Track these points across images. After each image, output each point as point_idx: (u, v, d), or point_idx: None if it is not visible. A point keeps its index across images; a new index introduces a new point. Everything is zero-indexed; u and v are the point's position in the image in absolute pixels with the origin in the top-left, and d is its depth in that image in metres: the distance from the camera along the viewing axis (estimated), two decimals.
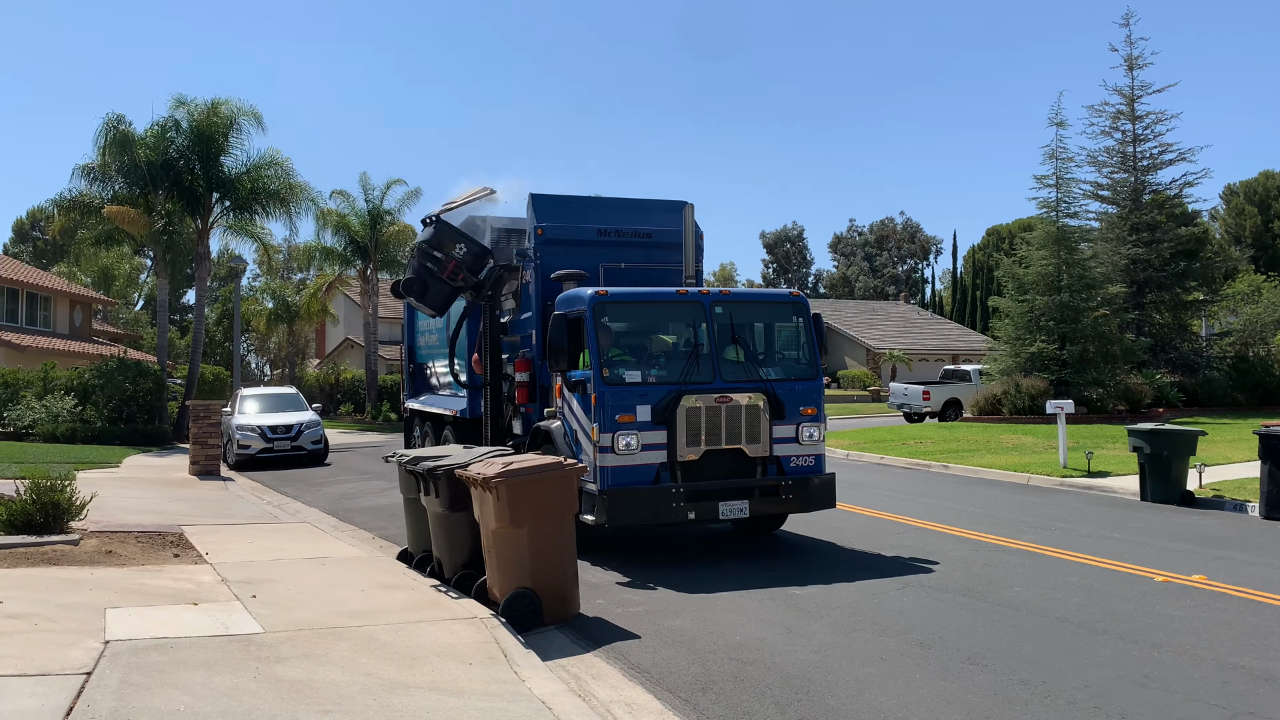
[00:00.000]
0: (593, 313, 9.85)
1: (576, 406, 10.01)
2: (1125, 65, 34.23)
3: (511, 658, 6.56)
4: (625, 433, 9.56)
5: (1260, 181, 67.92)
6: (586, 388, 9.75)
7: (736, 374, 10.06)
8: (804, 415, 10.24)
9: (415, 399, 16.98)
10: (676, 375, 9.89)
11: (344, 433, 32.00)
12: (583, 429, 9.89)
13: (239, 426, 21.68)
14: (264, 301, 48.94)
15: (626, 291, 10.46)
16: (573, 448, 10.07)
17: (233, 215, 29.94)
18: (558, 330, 9.90)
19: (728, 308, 10.31)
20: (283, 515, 13.67)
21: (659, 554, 10.58)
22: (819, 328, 10.68)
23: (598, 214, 12.19)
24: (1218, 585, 8.71)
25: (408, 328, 17.68)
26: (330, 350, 53.32)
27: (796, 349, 10.76)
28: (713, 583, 8.98)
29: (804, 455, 10.24)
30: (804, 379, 10.48)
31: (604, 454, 9.55)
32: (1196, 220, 37.16)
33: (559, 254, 11.56)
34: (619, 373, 9.83)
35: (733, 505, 9.76)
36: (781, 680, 6.22)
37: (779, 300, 11.17)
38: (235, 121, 28.30)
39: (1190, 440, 14.20)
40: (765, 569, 9.66)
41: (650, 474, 9.64)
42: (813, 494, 10.21)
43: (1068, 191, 32.08)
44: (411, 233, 39.90)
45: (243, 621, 7.19)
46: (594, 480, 9.60)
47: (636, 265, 11.84)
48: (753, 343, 10.57)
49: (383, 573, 9.32)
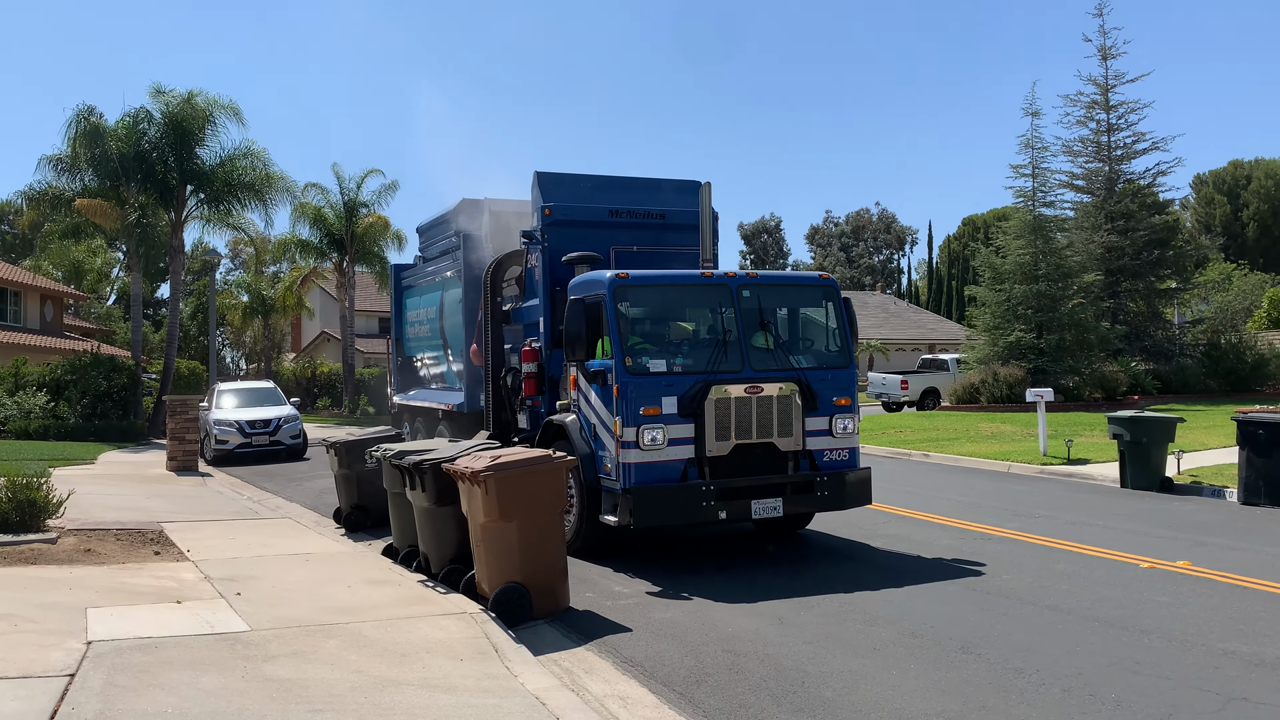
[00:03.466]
0: (613, 297, 9.22)
1: (595, 399, 9.41)
2: (1099, 55, 34.42)
3: (503, 653, 6.50)
4: (651, 426, 8.91)
5: (1229, 171, 68.76)
6: (607, 378, 9.15)
7: (766, 362, 9.44)
8: (837, 406, 9.62)
9: (404, 393, 16.38)
10: (703, 364, 9.26)
11: (321, 426, 31.71)
12: (602, 423, 9.29)
13: (217, 421, 21.45)
14: (239, 295, 48.40)
15: (648, 274, 9.80)
16: (590, 443, 9.50)
17: (207, 208, 29.56)
18: (574, 316, 9.28)
19: (755, 291, 9.70)
20: (264, 511, 13.52)
21: (656, 552, 10.43)
22: (850, 313, 10.10)
23: (608, 193, 11.57)
24: (1202, 571, 8.78)
25: (395, 318, 17.02)
26: (306, 344, 52.88)
27: (827, 335, 10.12)
28: (708, 580, 8.94)
29: (838, 449, 9.63)
30: (836, 367, 9.86)
31: (627, 449, 8.92)
32: (1168, 209, 37.51)
33: (567, 236, 10.93)
34: (642, 362, 9.16)
35: (766, 504, 9.13)
36: (776, 672, 6.20)
37: (809, 283, 10.50)
38: (211, 115, 27.92)
39: (1169, 427, 14.32)
40: (750, 559, 9.65)
41: (677, 471, 9.01)
42: (849, 490, 9.58)
43: (1043, 181, 32.32)
44: (386, 224, 39.65)
45: (228, 620, 7.09)
46: (616, 478, 9.02)
47: (649, 248, 11.24)
48: (782, 329, 9.93)
49: (368, 568, 9.22)
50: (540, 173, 11.34)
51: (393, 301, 17.18)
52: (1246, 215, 66.39)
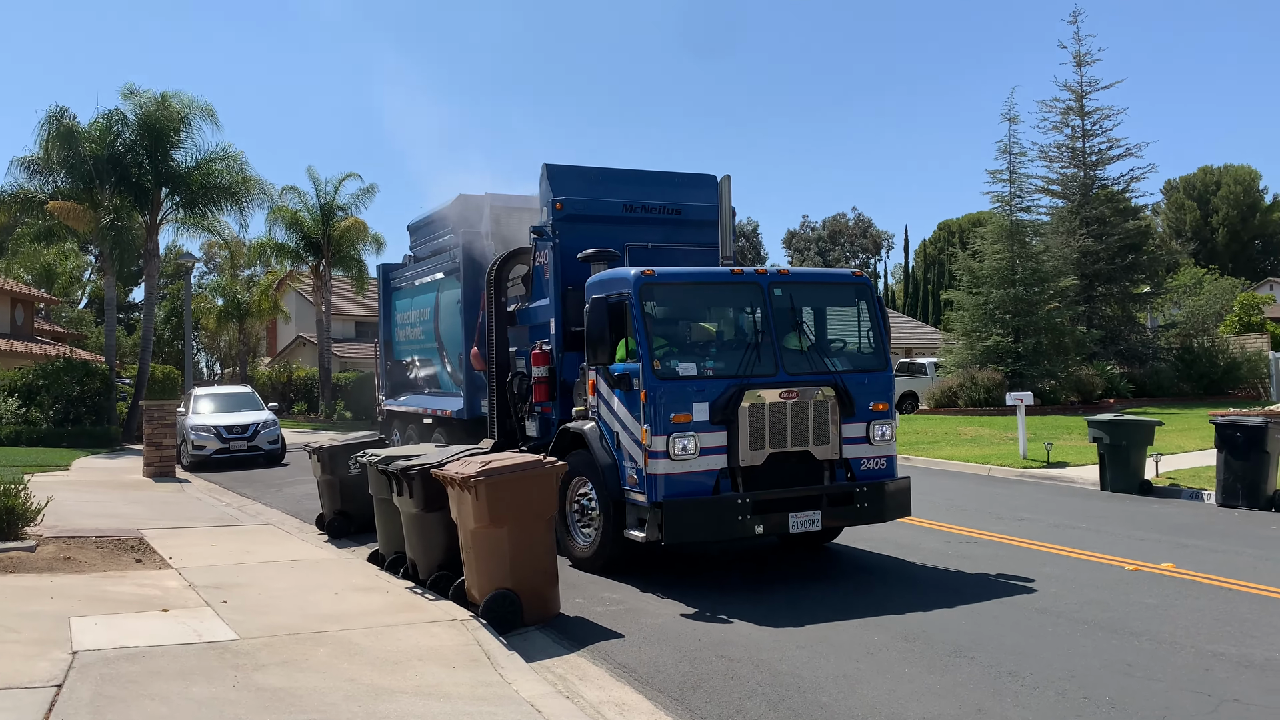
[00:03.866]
0: (639, 296, 8.65)
1: (618, 405, 8.79)
2: (1074, 62, 34.86)
3: (495, 660, 6.45)
4: (681, 435, 8.31)
5: (1199, 177, 69.70)
6: (633, 383, 8.56)
7: (800, 365, 8.90)
8: (874, 411, 9.07)
9: (394, 399, 15.68)
10: (735, 367, 8.68)
11: (298, 432, 31.44)
12: (627, 431, 8.67)
13: (194, 427, 21.22)
14: (214, 299, 47.95)
15: (675, 271, 9.26)
16: (612, 452, 8.90)
17: (183, 211, 29.26)
18: (596, 317, 8.71)
19: (787, 289, 9.14)
20: (244, 517, 13.37)
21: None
22: (883, 312, 9.61)
23: (621, 187, 11.07)
24: (1186, 573, 8.86)
25: (384, 320, 16.32)
26: (282, 348, 52.42)
27: (861, 336, 9.57)
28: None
29: (875, 457, 9.06)
30: (873, 370, 9.30)
31: (656, 460, 8.31)
32: (1141, 214, 38.00)
33: (579, 232, 10.42)
34: (672, 365, 8.58)
35: (804, 517, 8.56)
36: (771, 677, 6.19)
37: (841, 281, 9.94)
38: (186, 116, 27.64)
39: (1148, 430, 14.47)
40: (738, 563, 9.64)
41: (709, 482, 8.41)
42: (889, 501, 9.01)
43: (1020, 186, 32.69)
44: (364, 227, 39.39)
45: (216, 628, 6.99)
46: (643, 490, 8.43)
47: (664, 245, 10.77)
48: (815, 329, 9.40)
49: (354, 575, 9.14)
50: (550, 165, 10.84)
51: (381, 302, 16.49)
52: (1216, 220, 67.34)
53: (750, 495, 8.41)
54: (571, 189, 10.66)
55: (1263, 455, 12.61)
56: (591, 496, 9.18)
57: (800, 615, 7.61)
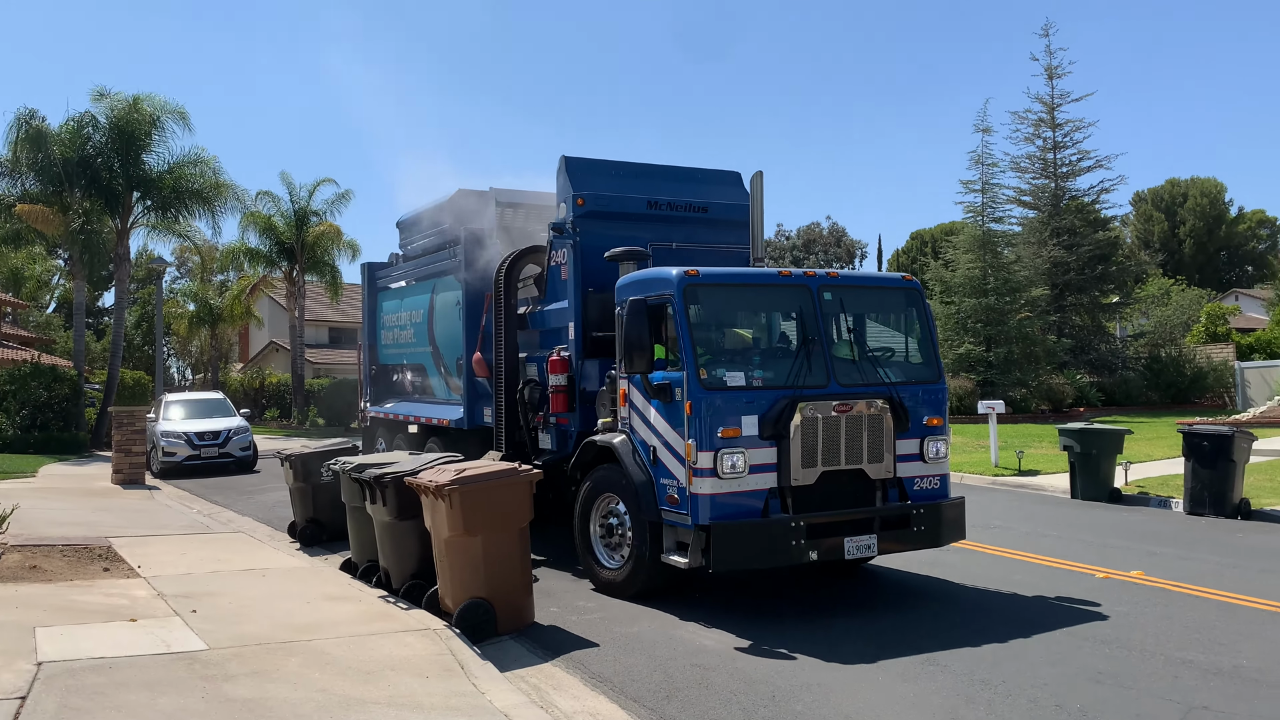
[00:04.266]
0: (683, 297, 7.99)
1: (657, 417, 8.09)
2: (1045, 74, 35.30)
3: (469, 669, 6.41)
4: (730, 451, 7.63)
5: (1167, 189, 70.67)
6: (675, 393, 7.87)
7: (852, 375, 8.26)
8: (929, 427, 8.48)
9: (379, 405, 14.69)
10: (784, 377, 8.03)
11: (270, 438, 31.16)
12: (667, 445, 7.98)
13: (164, 433, 20.99)
14: (185, 304, 47.46)
15: (721, 272, 8.59)
16: (648, 469, 8.19)
17: (154, 215, 28.98)
18: (635, 321, 7.97)
19: (837, 293, 8.50)
20: (215, 525, 13.23)
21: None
22: (932, 320, 9.09)
23: (644, 182, 10.46)
24: (1155, 580, 8.96)
25: (368, 323, 15.29)
26: (254, 354, 51.99)
27: (908, 344, 9.00)
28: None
29: (930, 476, 8.46)
30: (926, 382, 8.69)
31: (701, 478, 7.62)
32: (1111, 225, 38.52)
33: (601, 230, 9.77)
34: (719, 374, 7.92)
35: (859, 541, 7.90)
36: (746, 686, 6.19)
37: (892, 285, 9.25)
38: (159, 119, 27.38)
39: (1118, 439, 14.64)
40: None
41: (758, 503, 7.73)
42: (946, 525, 8.38)
43: (992, 196, 33.02)
44: (339, 233, 39.18)
45: (184, 638, 6.90)
46: (685, 511, 7.73)
47: (688, 245, 10.09)
48: (866, 337, 8.75)
49: (327, 584, 9.06)
50: (569, 158, 10.24)
51: (365, 303, 15.46)
52: (1183, 232, 68.28)
53: (805, 518, 7.70)
54: (591, 184, 10.07)
55: (1229, 464, 12.79)
56: (622, 516, 8.51)
57: (771, 624, 7.61)
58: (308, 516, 11.70)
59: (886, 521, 8.11)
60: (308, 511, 11.70)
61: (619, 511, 8.54)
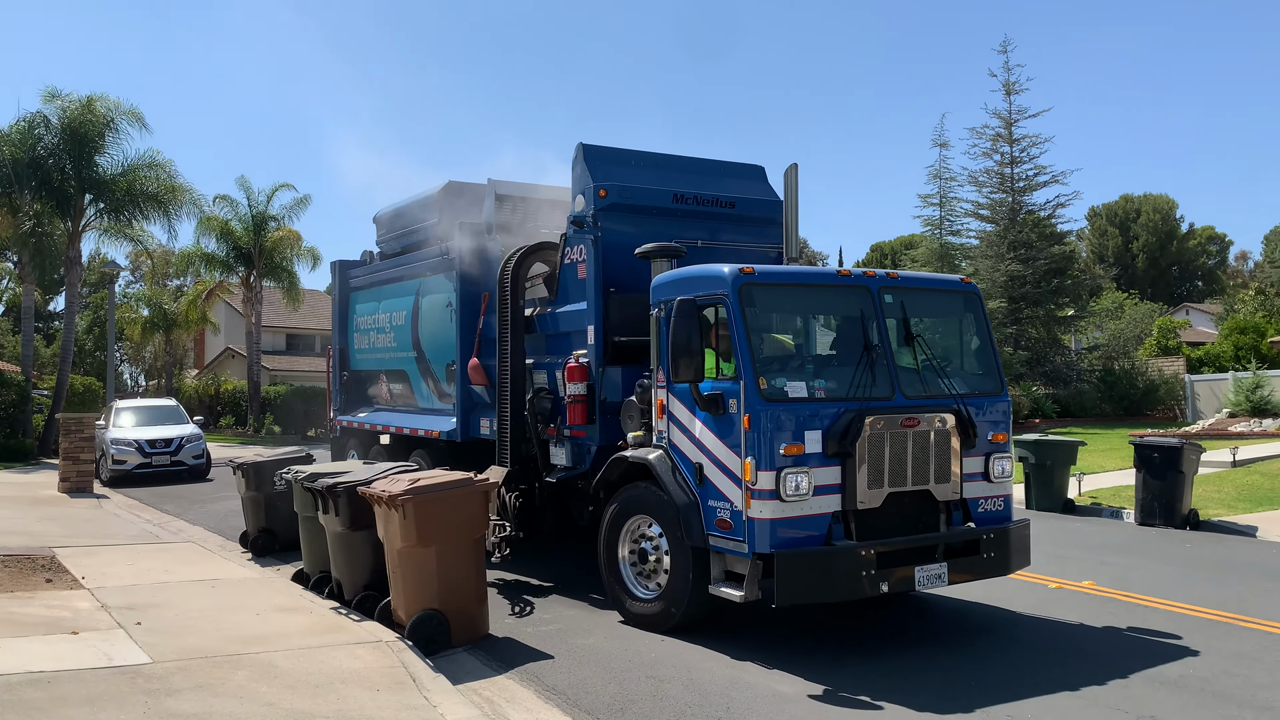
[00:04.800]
0: (739, 299, 7.22)
1: (704, 430, 7.30)
2: (1003, 90, 35.79)
3: (421, 682, 6.32)
4: (794, 470, 6.83)
5: (1121, 204, 72.04)
6: (729, 405, 7.09)
7: (915, 387, 7.55)
8: (994, 443, 7.81)
9: (351, 414, 13.78)
10: (847, 388, 7.27)
11: (225, 446, 30.72)
12: (717, 463, 7.17)
13: (114, 440, 20.58)
14: (139, 309, 46.64)
15: (778, 270, 8.01)
16: (691, 489, 7.37)
17: (107, 218, 28.46)
18: (685, 324, 7.15)
19: (897, 295, 7.76)
20: (165, 534, 12.97)
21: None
22: (989, 326, 8.42)
23: (668, 175, 9.76)
24: (1106, 591, 9.08)
25: (340, 325, 14.26)
26: (210, 360, 51.20)
27: (971, 353, 8.44)
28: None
29: (994, 497, 7.78)
30: (990, 394, 7.99)
31: (762, 500, 6.81)
32: (1066, 240, 39.17)
33: (623, 225, 9.04)
34: (779, 384, 7.18)
35: (930, 571, 7.16)
36: (700, 698, 6.16)
37: (952, 288, 8.47)
38: (113, 121, 26.93)
39: (1071, 450, 14.84)
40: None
41: (821, 529, 6.96)
42: (1014, 550, 7.71)
43: (950, 210, 33.44)
44: (298, 238, 38.79)
45: (128, 651, 6.74)
46: (738, 537, 6.94)
47: (713, 242, 9.39)
48: (928, 344, 7.91)
49: (278, 595, 8.91)
50: (587, 146, 9.43)
51: (335, 305, 14.40)
52: (1136, 247, 69.61)
53: (874, 545, 6.96)
54: (610, 174, 9.29)
55: (1178, 475, 13.01)
56: (657, 540, 7.74)
57: (722, 631, 7.59)
58: (260, 526, 11.51)
59: (953, 548, 7.43)
60: (260, 521, 11.51)
61: (652, 535, 7.78)
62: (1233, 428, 26.28)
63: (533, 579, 9.79)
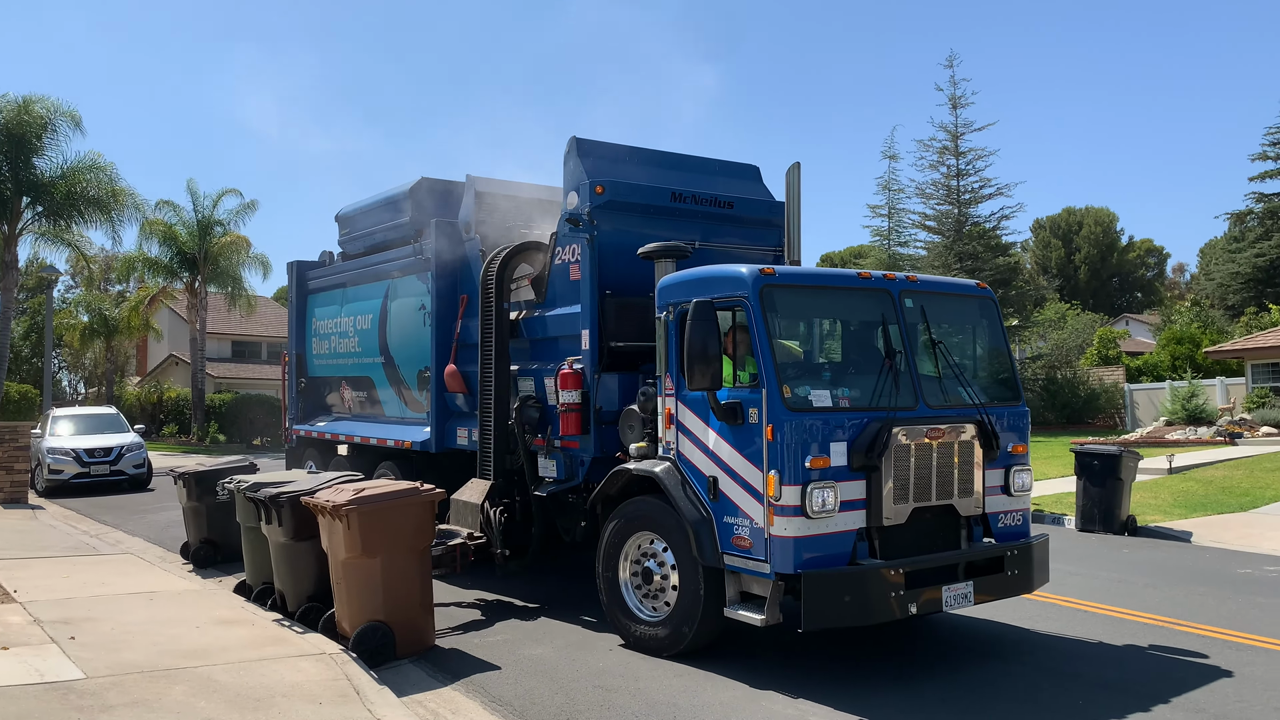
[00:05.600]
0: (760, 301, 6.84)
1: (719, 442, 6.90)
2: (950, 104, 36.47)
3: (364, 695, 6.23)
4: (820, 485, 6.42)
5: (1064, 217, 73.66)
6: (747, 415, 6.71)
7: (937, 396, 7.22)
8: (1014, 455, 7.57)
9: (309, 423, 13.15)
10: (871, 397, 6.93)
11: (168, 455, 30.09)
12: (735, 476, 6.76)
13: (50, 449, 20.05)
14: (79, 315, 45.54)
15: (799, 272, 7.66)
16: (703, 504, 6.95)
17: (46, 221, 27.79)
18: (701, 328, 6.72)
19: (918, 300, 7.41)
20: (102, 546, 12.65)
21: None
22: (1006, 334, 8.19)
23: (662, 171, 9.41)
24: (1047, 596, 9.22)
25: (297, 330, 13.52)
26: (153, 367, 50.14)
27: (989, 361, 8.17)
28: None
29: (1013, 511, 7.52)
30: (1008, 404, 7.75)
31: (786, 517, 6.38)
32: (1011, 251, 39.98)
33: (618, 223, 8.63)
34: (803, 393, 6.78)
35: (956, 591, 6.84)
36: (647, 707, 6.15)
37: (968, 293, 8.11)
38: (51, 122, 26.32)
39: None
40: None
41: (846, 547, 6.58)
42: (1037, 567, 7.45)
43: (899, 221, 33.97)
44: (247, 244, 38.19)
45: (60, 667, 6.56)
46: (759, 557, 6.53)
47: (712, 244, 9.02)
48: (949, 351, 7.57)
49: (219, 607, 8.73)
50: (580, 140, 9.04)
51: (292, 309, 13.60)
52: (1079, 259, 71.22)
53: (903, 564, 6.62)
54: (605, 170, 8.92)
55: (1117, 482, 13.31)
56: (662, 558, 7.32)
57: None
58: (202, 537, 11.28)
59: (975, 566, 7.13)
60: (202, 532, 11.29)
61: (657, 553, 7.37)
62: (1170, 435, 26.98)
63: (482, 591, 9.72)
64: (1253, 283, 42.69)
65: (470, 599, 9.34)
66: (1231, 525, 13.57)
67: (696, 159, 9.90)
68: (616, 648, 7.47)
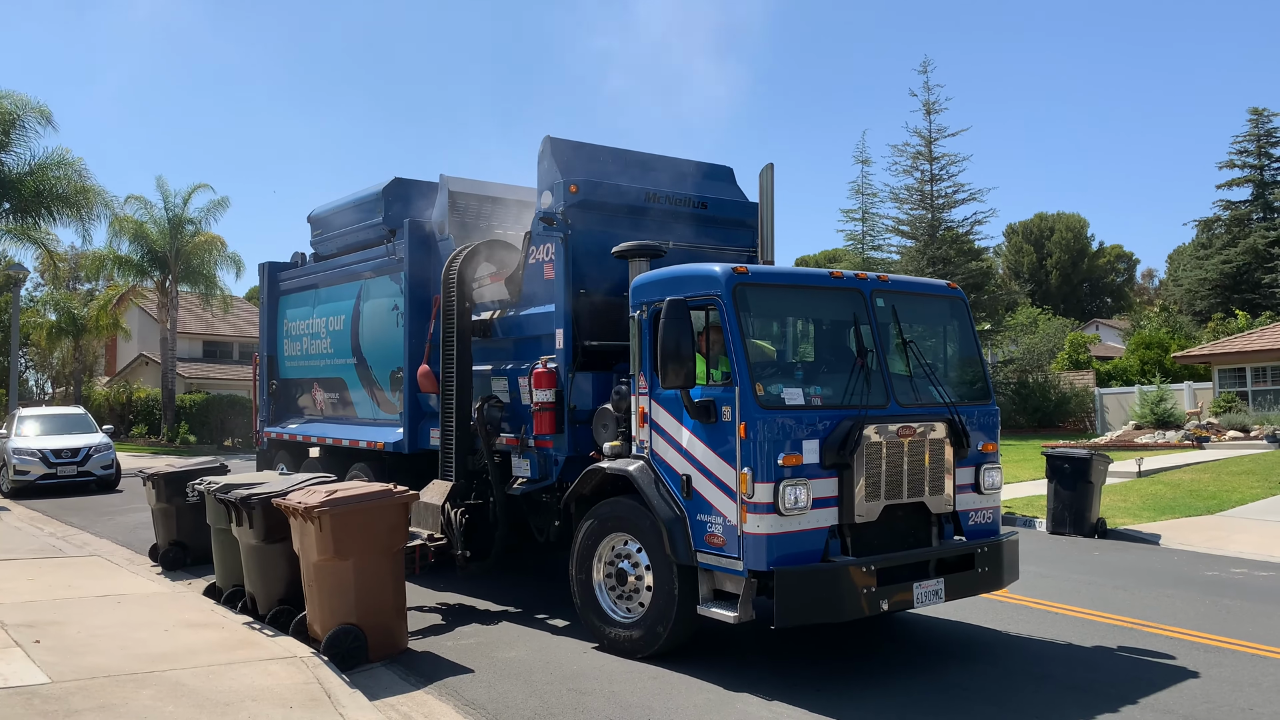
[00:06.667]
0: (733, 300, 6.87)
1: (693, 440, 6.92)
2: (924, 110, 36.74)
3: (336, 699, 6.18)
4: (793, 482, 6.48)
5: (1035, 222, 74.36)
6: (722, 413, 6.72)
7: (908, 394, 7.30)
8: (984, 453, 7.64)
9: (281, 425, 13.09)
10: (843, 395, 7.00)
11: (137, 456, 29.75)
12: (708, 474, 6.79)
13: (16, 450, 19.77)
14: (46, 313, 44.90)
15: (772, 271, 7.70)
16: (677, 503, 6.97)
17: (13, 218, 27.37)
18: (675, 326, 6.74)
19: (889, 300, 7.50)
20: (69, 548, 12.47)
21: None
22: (976, 334, 8.30)
23: (637, 172, 9.38)
24: (1018, 598, 9.30)
25: (268, 331, 13.40)
26: (122, 367, 49.54)
27: (959, 360, 8.20)
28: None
29: (983, 509, 7.59)
30: (979, 403, 7.83)
31: (759, 514, 6.43)
32: (983, 256, 40.35)
33: (592, 223, 8.67)
34: (776, 391, 6.86)
35: (928, 588, 6.94)
36: (621, 710, 6.14)
37: (938, 293, 8.19)
38: (19, 118, 25.94)
39: None
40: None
41: (818, 544, 6.63)
42: (1007, 565, 7.53)
43: (872, 225, 34.18)
44: (221, 243, 37.81)
45: (24, 671, 6.45)
46: (732, 554, 6.58)
47: (686, 244, 9.01)
48: (919, 350, 7.62)
49: (188, 610, 8.62)
50: (554, 139, 8.98)
51: (264, 310, 13.52)
52: (1050, 264, 71.91)
53: (874, 561, 6.67)
54: (579, 170, 8.90)
55: (1087, 485, 13.44)
56: (636, 558, 7.30)
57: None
58: (171, 539, 11.15)
59: (946, 563, 7.22)
60: (171, 534, 11.16)
61: (632, 554, 7.33)
62: (1139, 439, 27.31)
63: (456, 594, 9.66)
64: (1220, 289, 43.35)
65: (443, 602, 9.29)
66: (1199, 528, 13.75)
67: (671, 159, 9.87)
68: (590, 650, 7.45)
